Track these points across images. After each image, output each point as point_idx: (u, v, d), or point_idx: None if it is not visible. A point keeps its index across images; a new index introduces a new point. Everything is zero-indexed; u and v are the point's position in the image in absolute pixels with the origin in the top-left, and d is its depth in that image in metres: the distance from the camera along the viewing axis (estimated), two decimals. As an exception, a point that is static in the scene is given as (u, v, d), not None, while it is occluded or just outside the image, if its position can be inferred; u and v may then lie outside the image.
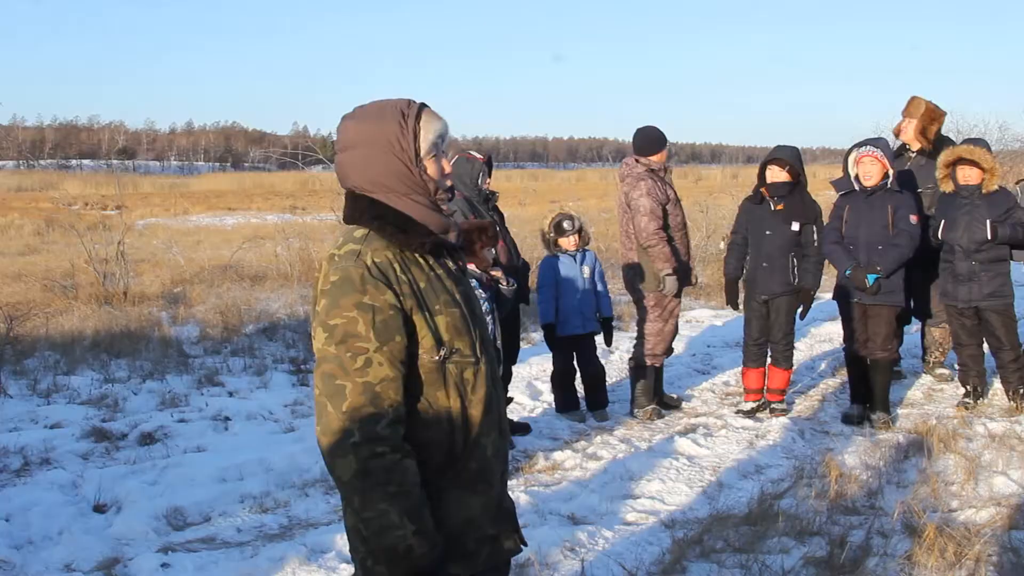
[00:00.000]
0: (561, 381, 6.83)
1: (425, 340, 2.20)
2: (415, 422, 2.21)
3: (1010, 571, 4.02)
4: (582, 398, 6.88)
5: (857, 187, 6.26)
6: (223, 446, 6.07)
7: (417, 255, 2.26)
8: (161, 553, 4.42)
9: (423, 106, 2.32)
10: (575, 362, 6.81)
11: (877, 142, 6.29)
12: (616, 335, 7.33)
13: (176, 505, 4.97)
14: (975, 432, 5.99)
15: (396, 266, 2.19)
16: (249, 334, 9.73)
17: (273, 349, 9.12)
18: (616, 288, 8.81)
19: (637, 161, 6.65)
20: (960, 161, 6.36)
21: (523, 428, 6.34)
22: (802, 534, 4.50)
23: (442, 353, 2.22)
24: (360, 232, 2.25)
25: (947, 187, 6.44)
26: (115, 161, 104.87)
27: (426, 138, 2.28)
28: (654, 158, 6.64)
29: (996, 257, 6.35)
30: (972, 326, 6.53)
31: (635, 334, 6.95)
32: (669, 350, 6.88)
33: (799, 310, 6.63)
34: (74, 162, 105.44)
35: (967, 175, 6.34)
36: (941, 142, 7.14)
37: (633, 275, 6.70)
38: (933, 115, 7.16)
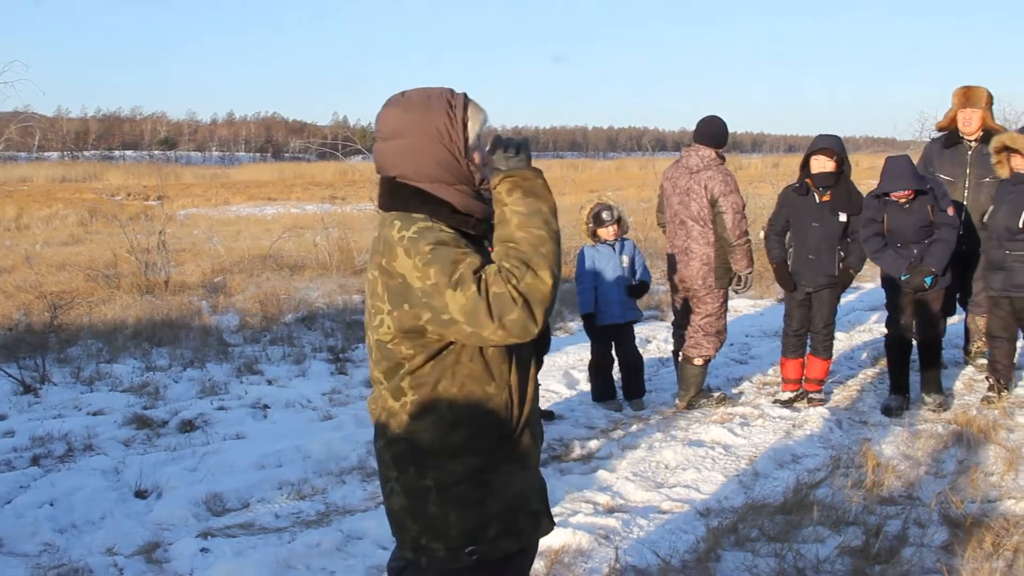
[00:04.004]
0: (598, 370, 6.82)
1: None
2: (483, 395, 2.28)
3: (1049, 562, 3.98)
4: (619, 387, 6.87)
5: None
6: (262, 434, 6.14)
7: (471, 238, 2.31)
8: (200, 538, 4.49)
9: (466, 96, 2.33)
10: (613, 351, 6.81)
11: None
12: (654, 325, 7.27)
13: (215, 491, 5.03)
14: (1016, 423, 5.92)
15: (462, 242, 2.22)
16: (288, 323, 9.82)
17: (312, 338, 9.19)
18: (656, 277, 8.80)
19: (717, 154, 6.52)
20: (1007, 149, 6.28)
21: (547, 415, 6.36)
22: (838, 524, 4.47)
23: None
24: (419, 215, 2.26)
25: (1003, 173, 6.34)
26: (157, 152, 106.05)
27: (473, 128, 2.31)
28: (721, 150, 6.59)
29: None
30: (1007, 317, 6.42)
31: (671, 324, 6.95)
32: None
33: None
34: (117, 153, 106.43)
35: (1018, 163, 6.26)
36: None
37: (700, 268, 6.56)
38: (990, 101, 7.06)
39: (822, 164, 6.31)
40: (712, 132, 6.53)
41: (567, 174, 35.66)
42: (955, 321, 7.99)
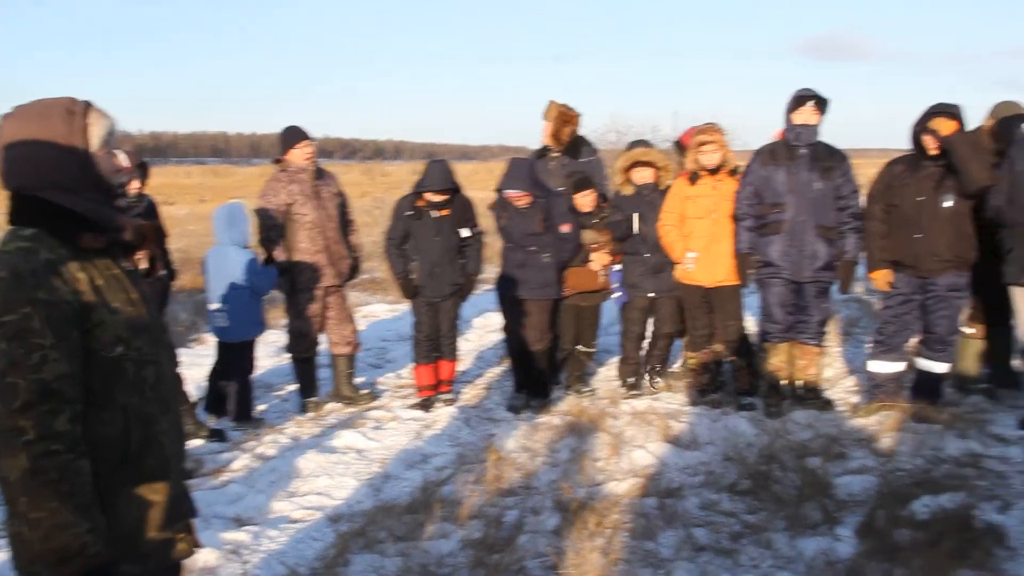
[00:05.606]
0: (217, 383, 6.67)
1: (103, 336, 2.18)
2: (91, 419, 2.18)
3: (640, 535, 4.42)
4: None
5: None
6: None
7: (91, 254, 2.23)
8: None
9: (89, 103, 2.29)
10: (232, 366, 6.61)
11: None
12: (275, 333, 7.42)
13: None
14: (621, 411, 6.48)
15: (71, 263, 2.16)
16: None
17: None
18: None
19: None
20: (636, 164, 6.85)
21: (219, 434, 6.19)
22: (461, 519, 4.69)
23: (119, 350, 2.21)
24: (30, 231, 2.17)
25: (627, 190, 6.89)
26: None
27: (96, 134, 2.26)
28: (286, 157, 6.72)
29: None
30: (645, 316, 7.06)
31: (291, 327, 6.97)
32: (312, 344, 6.94)
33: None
34: None
35: (643, 175, 6.82)
36: (577, 143, 7.57)
37: None
38: (565, 118, 7.42)
39: (431, 196, 6.57)
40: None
41: (207, 180, 34.71)
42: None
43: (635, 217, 6.80)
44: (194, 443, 6.00)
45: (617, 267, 6.99)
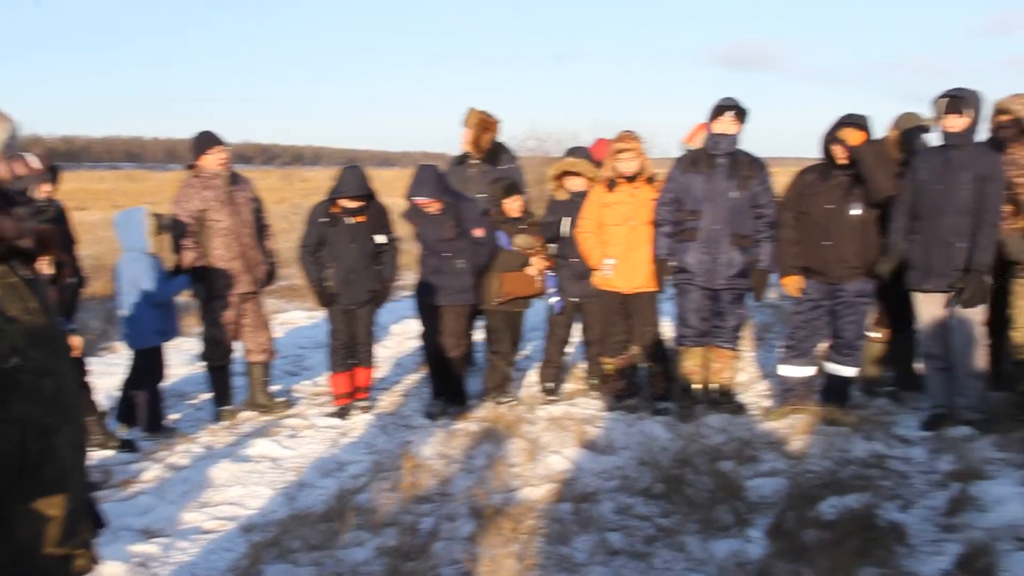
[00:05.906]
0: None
1: None
2: None
3: (555, 540, 4.44)
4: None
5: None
6: None
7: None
8: None
9: None
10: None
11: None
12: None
13: None
14: (537, 417, 6.51)
15: None
16: None
17: None
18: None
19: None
20: (566, 173, 6.90)
21: (128, 445, 6.07)
22: (376, 526, 4.67)
23: (15, 361, 2.14)
24: None
25: (561, 195, 6.94)
26: None
27: None
28: (199, 163, 6.62)
29: None
30: (570, 320, 7.11)
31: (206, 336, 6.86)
32: (227, 351, 6.86)
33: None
34: None
35: (575, 184, 6.87)
36: (497, 150, 7.59)
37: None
38: (485, 125, 7.50)
39: (347, 203, 6.54)
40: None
41: (121, 186, 34.00)
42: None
43: (565, 221, 6.84)
44: (103, 454, 5.89)
45: (553, 272, 7.01)
